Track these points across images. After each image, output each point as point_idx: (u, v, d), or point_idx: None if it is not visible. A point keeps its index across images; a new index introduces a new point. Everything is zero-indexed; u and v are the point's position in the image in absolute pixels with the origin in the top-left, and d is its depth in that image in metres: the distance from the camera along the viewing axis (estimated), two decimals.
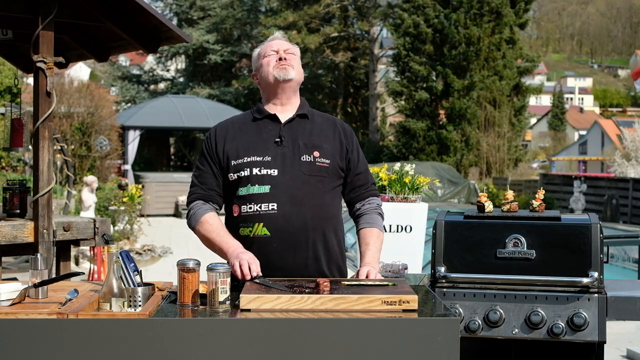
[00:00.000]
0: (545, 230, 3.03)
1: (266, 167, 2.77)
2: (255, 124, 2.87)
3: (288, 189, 2.74)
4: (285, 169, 2.76)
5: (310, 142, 2.82)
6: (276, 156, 2.78)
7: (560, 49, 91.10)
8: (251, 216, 2.77)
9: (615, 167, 26.81)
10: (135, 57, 49.08)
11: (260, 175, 2.76)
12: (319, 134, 2.86)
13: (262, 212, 2.75)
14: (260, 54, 2.93)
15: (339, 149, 2.86)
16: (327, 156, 2.81)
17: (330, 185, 2.83)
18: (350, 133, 2.94)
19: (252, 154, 2.79)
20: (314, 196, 2.77)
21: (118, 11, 4.44)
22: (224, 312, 2.29)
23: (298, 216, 2.74)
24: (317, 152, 2.80)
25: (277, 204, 2.73)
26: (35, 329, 2.17)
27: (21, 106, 4.64)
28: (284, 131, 2.83)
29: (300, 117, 2.88)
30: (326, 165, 2.80)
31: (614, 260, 8.11)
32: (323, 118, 2.95)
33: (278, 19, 30.72)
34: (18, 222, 4.19)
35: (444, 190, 21.27)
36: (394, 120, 36.21)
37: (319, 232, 2.78)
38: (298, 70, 2.89)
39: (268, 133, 2.83)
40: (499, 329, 3.00)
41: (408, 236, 4.37)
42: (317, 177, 2.78)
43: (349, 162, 2.88)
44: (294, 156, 2.78)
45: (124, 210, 13.28)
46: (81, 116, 18.01)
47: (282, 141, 2.81)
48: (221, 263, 2.35)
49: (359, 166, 2.92)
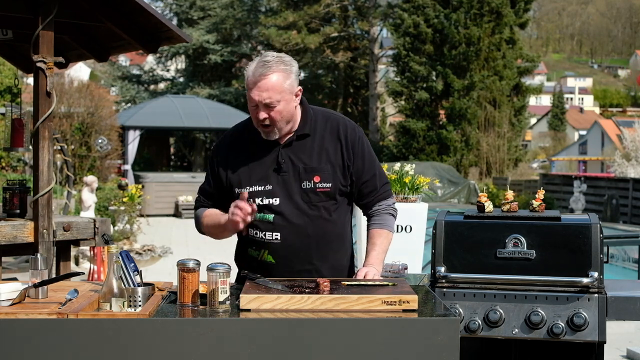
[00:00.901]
0: (545, 230, 3.03)
1: (268, 196, 2.74)
2: (254, 145, 2.80)
3: (290, 218, 2.73)
4: (287, 197, 2.73)
5: (310, 165, 2.75)
6: (277, 183, 2.74)
7: (560, 49, 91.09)
8: (257, 242, 2.78)
9: (615, 167, 26.83)
10: (135, 57, 49.07)
11: (263, 205, 2.74)
12: (319, 153, 2.77)
13: (267, 240, 2.76)
14: (246, 88, 2.73)
15: (341, 166, 2.78)
16: (328, 179, 2.75)
17: (335, 205, 2.80)
18: (354, 139, 2.81)
19: (253, 184, 2.76)
20: (317, 223, 2.75)
21: (118, 11, 4.43)
22: (224, 312, 2.29)
23: (302, 246, 2.74)
24: (318, 176, 2.74)
25: (280, 234, 2.73)
26: (35, 329, 2.16)
27: (21, 106, 4.64)
28: (282, 155, 2.76)
29: (300, 137, 2.79)
30: (327, 190, 2.75)
31: (614, 260, 8.11)
32: (326, 127, 2.82)
33: (278, 19, 30.72)
34: (18, 222, 4.19)
35: (444, 190, 21.27)
36: (394, 120, 36.21)
37: (325, 256, 2.78)
38: (285, 116, 2.70)
39: (267, 157, 2.77)
40: (499, 329, 3.00)
41: (408, 236, 4.37)
42: (319, 202, 2.75)
43: (351, 174, 2.80)
44: (295, 182, 2.74)
45: (124, 210, 13.28)
46: (81, 116, 18.00)
47: (281, 167, 2.75)
48: (221, 263, 2.35)
49: (364, 174, 2.83)
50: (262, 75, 2.65)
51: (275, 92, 2.65)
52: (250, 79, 2.68)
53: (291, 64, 2.72)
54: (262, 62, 2.68)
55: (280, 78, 2.66)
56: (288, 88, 2.68)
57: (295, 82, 2.73)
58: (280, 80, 2.66)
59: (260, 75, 2.65)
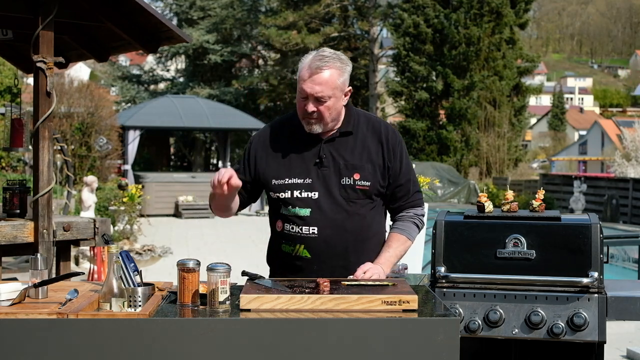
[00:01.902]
0: (545, 230, 3.02)
1: (307, 189, 2.75)
2: (296, 138, 2.81)
3: (329, 212, 2.73)
4: (326, 191, 2.74)
5: (351, 162, 2.76)
6: (317, 178, 2.75)
7: (560, 49, 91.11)
8: (293, 236, 2.78)
9: (615, 167, 26.83)
10: (135, 57, 49.08)
11: (302, 198, 2.75)
12: (361, 152, 2.78)
13: (304, 235, 2.76)
14: (298, 79, 2.74)
15: (381, 166, 2.79)
16: (368, 177, 2.76)
17: (372, 204, 2.81)
18: (395, 142, 2.83)
19: (293, 176, 2.76)
20: (355, 219, 2.75)
21: (118, 11, 4.43)
22: (224, 312, 2.29)
23: (339, 241, 2.74)
24: (358, 173, 2.75)
25: (317, 227, 2.73)
26: (35, 329, 2.16)
27: (21, 106, 4.64)
28: (324, 150, 2.77)
29: (343, 134, 2.80)
30: (366, 188, 2.76)
31: (614, 260, 8.10)
32: (368, 127, 2.83)
33: (278, 19, 30.72)
34: (18, 222, 4.19)
35: (444, 190, 21.29)
36: (394, 120, 36.19)
37: (360, 254, 2.77)
38: (332, 113, 2.72)
39: (308, 152, 2.78)
40: (499, 329, 3.00)
41: None
42: (357, 200, 2.76)
43: (389, 176, 2.81)
44: (335, 178, 2.75)
45: (124, 210, 13.28)
46: (81, 116, 18.00)
47: (322, 162, 2.76)
48: (221, 263, 2.35)
49: (400, 177, 2.83)
50: (318, 69, 2.68)
51: (328, 87, 2.68)
52: (305, 70, 2.70)
53: (347, 63, 2.76)
54: (320, 56, 2.71)
55: (334, 74, 2.69)
56: (340, 85, 2.72)
57: (347, 81, 2.77)
58: (334, 76, 2.69)
59: (316, 69, 2.68)
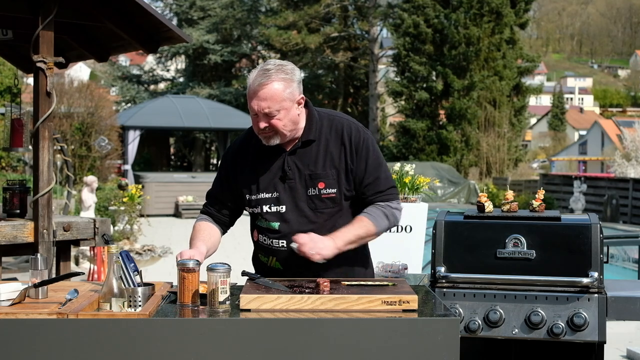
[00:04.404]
0: (545, 230, 3.03)
1: (275, 204, 2.75)
2: (262, 152, 2.78)
3: (295, 225, 2.72)
4: (293, 204, 2.73)
5: (315, 172, 2.73)
6: (284, 191, 2.74)
7: (560, 49, 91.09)
8: (266, 248, 2.80)
9: (615, 167, 26.85)
10: (135, 57, 49.08)
11: (271, 213, 2.75)
12: (324, 159, 2.74)
13: (274, 247, 2.77)
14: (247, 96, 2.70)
15: (344, 169, 2.75)
16: (333, 184, 2.73)
17: (341, 209, 2.77)
18: (357, 141, 2.75)
19: (261, 191, 2.76)
20: (323, 229, 2.72)
21: (118, 11, 4.44)
22: (224, 312, 2.29)
23: None
24: (322, 182, 2.72)
25: (286, 241, 2.73)
26: (35, 329, 2.16)
27: (21, 106, 4.65)
28: (288, 162, 2.75)
29: (305, 144, 2.76)
30: (333, 195, 2.74)
31: (614, 260, 8.12)
32: (332, 131, 2.77)
33: (278, 19, 30.72)
34: (18, 222, 4.19)
35: (444, 190, 21.29)
36: (394, 120, 36.22)
37: (332, 264, 2.73)
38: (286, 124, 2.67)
39: (274, 165, 2.76)
40: (499, 329, 3.00)
41: (408, 236, 4.37)
42: (325, 209, 2.74)
43: (354, 177, 2.76)
44: (301, 189, 2.73)
45: (124, 210, 13.28)
46: (81, 116, 18.02)
47: (287, 175, 2.74)
48: (221, 263, 2.35)
49: (366, 177, 2.76)
50: (262, 85, 2.62)
51: (274, 101, 2.62)
52: (251, 87, 2.65)
53: (292, 72, 2.68)
54: (263, 70, 2.65)
55: (279, 87, 2.63)
56: (288, 97, 2.65)
57: (297, 90, 2.69)
58: (279, 89, 2.62)
59: (258, 85, 2.62)
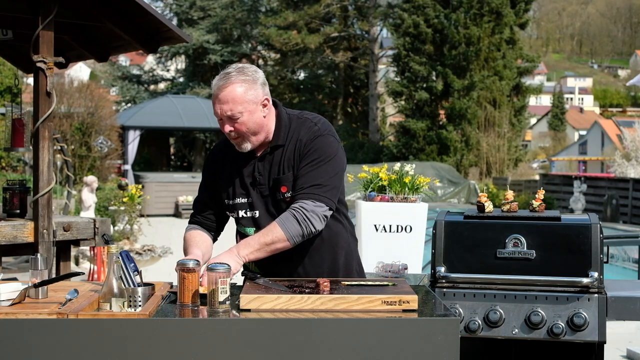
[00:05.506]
0: (545, 230, 3.03)
1: (250, 209, 2.77)
2: (237, 157, 2.79)
3: None
4: (265, 209, 2.75)
5: (279, 177, 2.74)
6: (256, 196, 2.76)
7: (560, 49, 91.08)
8: None
9: (615, 167, 26.84)
10: (135, 57, 49.08)
11: (246, 218, 2.78)
12: (287, 163, 2.74)
13: None
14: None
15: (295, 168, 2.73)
16: (290, 187, 2.73)
17: None
18: (307, 140, 2.71)
19: (237, 196, 2.78)
20: None
21: (118, 11, 4.44)
22: (224, 312, 2.29)
23: (282, 257, 2.70)
24: (284, 186, 2.72)
25: None
26: (35, 329, 2.16)
27: (21, 106, 4.65)
28: (258, 168, 2.75)
29: (274, 149, 2.75)
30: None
31: (614, 260, 8.11)
32: (294, 136, 2.74)
33: (278, 19, 30.74)
34: (18, 222, 4.19)
35: (444, 190, 21.28)
36: (394, 120, 36.21)
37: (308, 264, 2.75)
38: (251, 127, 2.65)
39: (246, 170, 2.77)
40: (499, 329, 3.00)
41: (408, 236, 4.38)
42: None
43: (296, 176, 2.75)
44: (271, 194, 2.75)
45: (124, 210, 13.29)
46: (81, 116, 18.03)
47: (257, 181, 2.75)
48: (221, 263, 2.35)
49: (300, 171, 2.70)
50: (222, 88, 2.61)
51: (235, 103, 2.61)
52: (213, 92, 2.66)
53: (254, 74, 2.66)
54: (223, 74, 2.64)
55: (240, 89, 2.61)
56: (251, 98, 2.63)
57: (261, 91, 2.66)
58: (240, 91, 2.61)
59: (218, 88, 2.62)
